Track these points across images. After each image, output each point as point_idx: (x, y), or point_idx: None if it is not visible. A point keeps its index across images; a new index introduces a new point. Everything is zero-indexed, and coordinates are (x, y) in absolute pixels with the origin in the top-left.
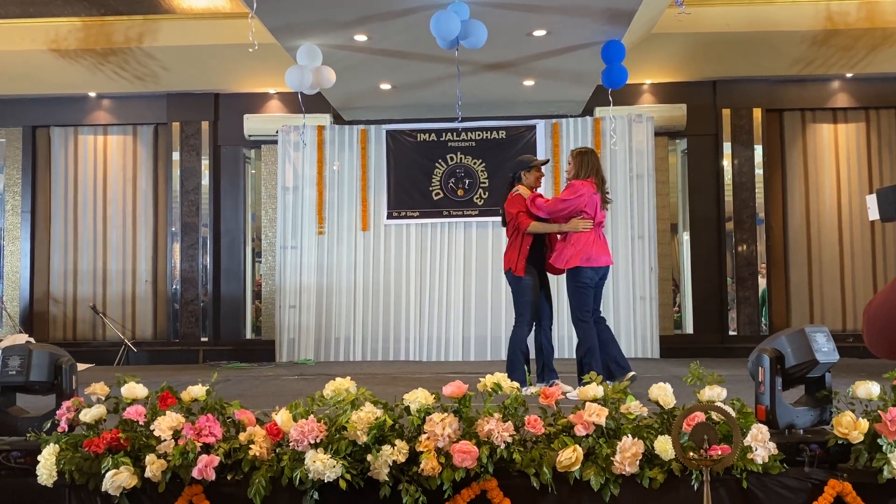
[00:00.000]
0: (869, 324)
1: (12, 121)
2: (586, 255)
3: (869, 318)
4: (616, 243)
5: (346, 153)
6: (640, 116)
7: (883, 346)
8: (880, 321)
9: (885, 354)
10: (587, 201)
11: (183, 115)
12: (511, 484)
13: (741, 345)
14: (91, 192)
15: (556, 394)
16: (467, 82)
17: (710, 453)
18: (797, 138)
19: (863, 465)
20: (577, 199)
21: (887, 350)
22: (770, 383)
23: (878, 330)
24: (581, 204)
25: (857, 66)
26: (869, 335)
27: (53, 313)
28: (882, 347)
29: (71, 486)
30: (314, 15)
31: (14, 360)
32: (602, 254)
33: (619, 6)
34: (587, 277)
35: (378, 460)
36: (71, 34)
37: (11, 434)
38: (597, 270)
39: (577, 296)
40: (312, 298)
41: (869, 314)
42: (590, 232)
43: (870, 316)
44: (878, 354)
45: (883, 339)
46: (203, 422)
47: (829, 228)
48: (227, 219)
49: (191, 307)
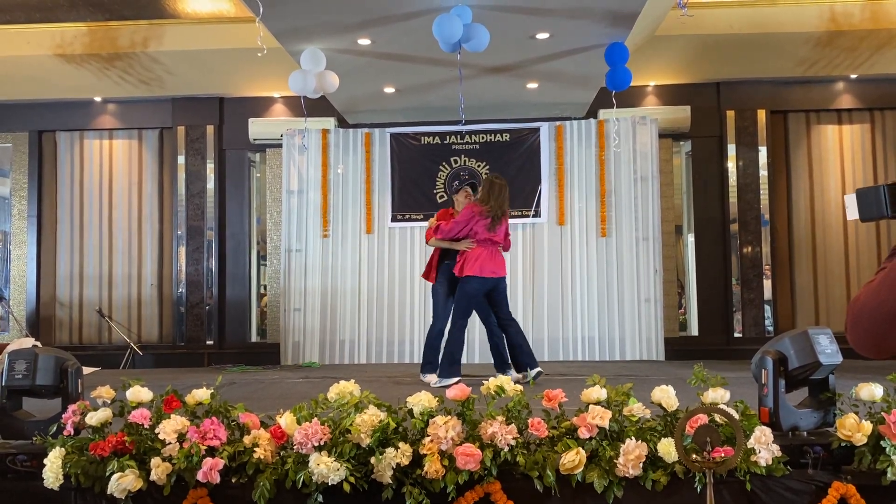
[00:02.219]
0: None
1: (18, 125)
2: (476, 268)
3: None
4: (620, 245)
5: (350, 156)
6: (644, 118)
7: (867, 344)
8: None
9: (868, 352)
10: (471, 224)
11: (188, 119)
12: (514, 486)
13: (746, 346)
14: (97, 196)
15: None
16: (470, 85)
17: (713, 455)
18: (802, 140)
19: (866, 467)
20: (456, 225)
21: (871, 348)
22: (773, 385)
23: (862, 329)
24: (461, 228)
25: (862, 67)
26: (853, 333)
27: (60, 317)
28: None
29: (77, 490)
30: (318, 19)
31: (20, 364)
32: (491, 268)
33: (622, 8)
34: (473, 287)
35: (382, 463)
36: (76, 39)
37: (18, 437)
38: (484, 282)
39: (462, 302)
40: (317, 301)
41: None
42: (482, 248)
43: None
44: (861, 352)
45: (867, 337)
46: (208, 425)
47: (835, 230)
48: (232, 222)
49: (196, 310)
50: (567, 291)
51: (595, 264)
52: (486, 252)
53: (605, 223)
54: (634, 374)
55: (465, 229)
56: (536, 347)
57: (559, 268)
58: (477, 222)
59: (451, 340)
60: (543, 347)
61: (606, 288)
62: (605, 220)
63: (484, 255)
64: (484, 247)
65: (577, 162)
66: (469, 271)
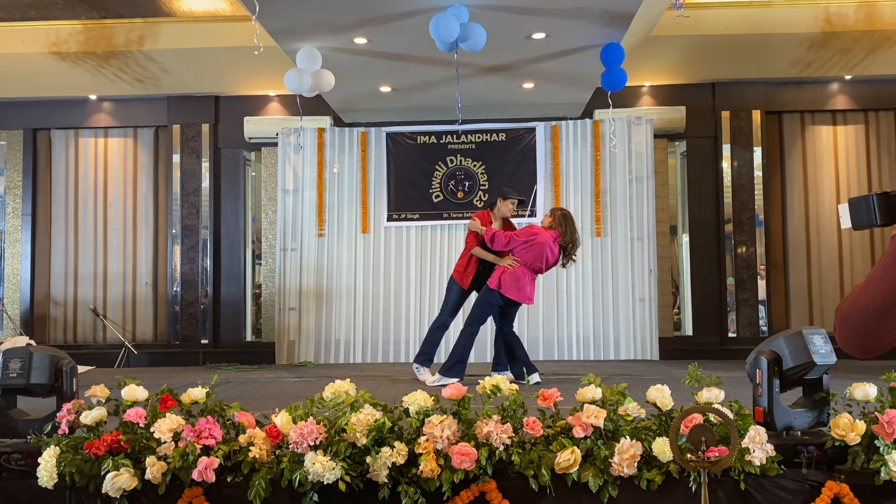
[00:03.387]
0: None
1: (13, 123)
2: (513, 289)
3: (842, 318)
4: (615, 245)
5: (346, 155)
6: (639, 119)
7: (854, 342)
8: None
9: (855, 350)
10: (540, 247)
11: (183, 117)
12: (510, 485)
13: (741, 346)
14: (91, 195)
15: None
16: (467, 85)
17: (707, 455)
18: (796, 140)
19: (860, 466)
20: (522, 240)
21: (857, 346)
22: (768, 385)
23: (850, 329)
24: (520, 244)
25: (856, 68)
26: (841, 333)
27: (54, 316)
28: (854, 345)
29: (71, 488)
30: (314, 18)
31: (15, 363)
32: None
33: (617, 9)
34: (498, 301)
35: (377, 462)
36: (72, 37)
37: (12, 436)
38: (513, 303)
39: (480, 309)
40: (312, 301)
41: (842, 312)
42: (524, 271)
43: (842, 315)
44: (849, 352)
45: (855, 337)
46: (203, 424)
47: (829, 230)
48: (227, 221)
49: (191, 309)
50: (562, 291)
51: (590, 264)
52: (527, 276)
53: (601, 223)
54: (629, 373)
55: (532, 251)
56: (532, 347)
57: (555, 267)
58: (541, 246)
59: (463, 343)
60: (538, 347)
61: (601, 288)
62: (600, 220)
63: (525, 278)
64: (528, 270)
65: (573, 162)
66: (504, 289)
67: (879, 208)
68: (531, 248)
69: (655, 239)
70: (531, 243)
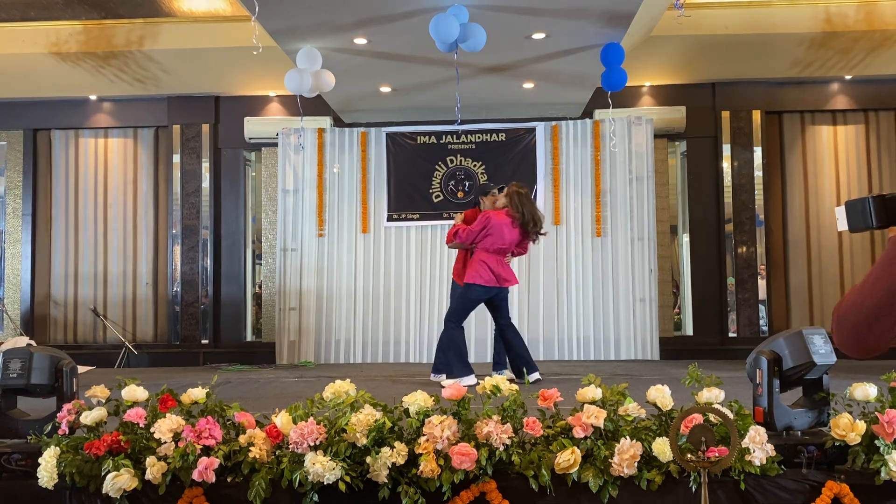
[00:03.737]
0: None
1: (13, 124)
2: (478, 275)
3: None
4: (616, 245)
5: (346, 155)
6: (639, 119)
7: (850, 341)
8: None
9: (851, 350)
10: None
11: (183, 117)
12: (510, 486)
13: (741, 346)
14: (92, 195)
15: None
16: (467, 85)
17: (707, 455)
18: (796, 140)
19: (860, 466)
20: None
21: (854, 345)
22: (768, 385)
23: (847, 329)
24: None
25: (856, 68)
26: (839, 334)
27: (54, 316)
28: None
29: (71, 489)
30: (314, 18)
31: (15, 363)
32: (497, 276)
33: (617, 9)
34: (476, 293)
35: (377, 462)
36: (71, 37)
37: (12, 436)
38: (487, 290)
39: (459, 305)
40: (312, 301)
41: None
42: (488, 255)
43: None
44: (845, 350)
45: (853, 338)
46: (203, 424)
47: (829, 230)
48: (227, 221)
49: (191, 310)
50: (562, 291)
51: (590, 264)
52: (493, 260)
53: (601, 223)
54: (629, 373)
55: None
56: (532, 347)
57: (555, 267)
58: (496, 227)
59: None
60: (539, 347)
61: (602, 288)
62: (600, 220)
63: (493, 262)
64: (492, 254)
65: (573, 162)
66: (480, 280)
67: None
68: (487, 234)
69: (656, 239)
70: (486, 229)
